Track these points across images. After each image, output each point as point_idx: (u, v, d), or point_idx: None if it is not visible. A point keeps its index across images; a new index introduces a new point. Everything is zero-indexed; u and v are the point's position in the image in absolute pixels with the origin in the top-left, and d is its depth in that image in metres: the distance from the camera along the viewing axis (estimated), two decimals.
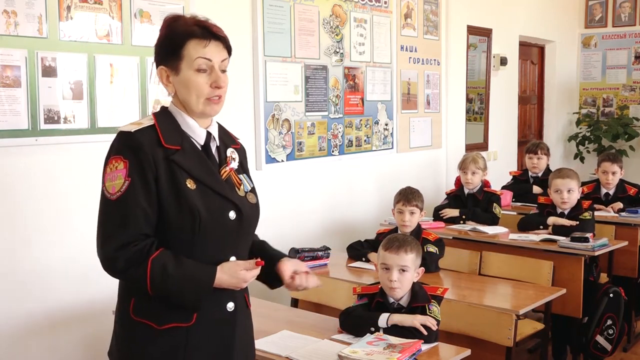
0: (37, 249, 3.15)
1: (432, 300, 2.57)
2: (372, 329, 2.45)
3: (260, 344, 2.42)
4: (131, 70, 3.47)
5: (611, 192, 4.91)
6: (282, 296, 3.91)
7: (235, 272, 1.77)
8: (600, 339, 3.77)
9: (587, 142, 7.68)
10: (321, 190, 4.74)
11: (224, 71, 1.84)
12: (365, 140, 5.06)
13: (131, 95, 3.48)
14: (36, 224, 3.15)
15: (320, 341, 2.45)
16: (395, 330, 2.43)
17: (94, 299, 3.28)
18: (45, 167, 3.18)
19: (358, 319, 2.52)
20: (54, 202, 3.19)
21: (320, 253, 3.64)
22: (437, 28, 5.79)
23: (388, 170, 5.28)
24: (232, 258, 1.83)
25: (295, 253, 3.56)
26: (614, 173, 4.85)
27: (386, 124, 5.25)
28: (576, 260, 3.71)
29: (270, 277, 1.97)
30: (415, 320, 2.43)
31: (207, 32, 1.79)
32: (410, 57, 5.49)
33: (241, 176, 1.90)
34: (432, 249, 3.52)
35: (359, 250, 3.76)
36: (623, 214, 4.61)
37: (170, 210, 1.72)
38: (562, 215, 4.15)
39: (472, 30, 6.19)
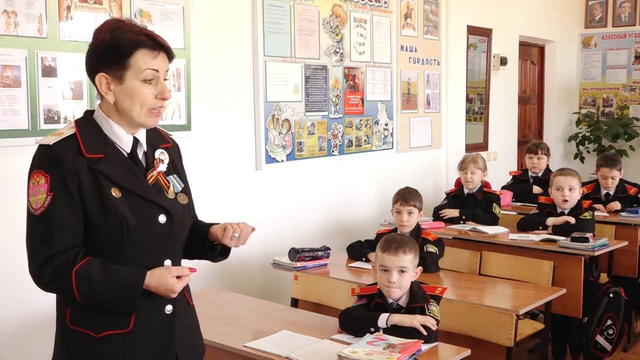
0: None
1: (431, 300, 2.57)
2: (372, 329, 2.45)
3: (260, 344, 2.43)
4: None
5: (611, 192, 4.90)
6: (282, 296, 3.91)
7: (165, 280, 1.73)
8: (600, 339, 3.77)
9: (587, 142, 7.68)
10: (321, 190, 4.74)
11: (166, 80, 1.81)
12: (365, 140, 5.06)
13: None
14: None
15: (320, 341, 2.45)
16: (395, 330, 2.43)
17: None
18: None
19: (358, 320, 2.52)
20: None
21: (320, 253, 3.64)
22: (437, 28, 5.79)
23: (388, 170, 5.28)
24: (168, 262, 1.81)
25: (295, 253, 3.56)
26: (613, 178, 4.84)
27: (386, 124, 5.25)
28: (576, 260, 3.71)
29: (208, 248, 1.96)
30: (414, 321, 2.43)
31: (156, 42, 1.76)
32: (410, 57, 5.49)
33: (170, 177, 1.86)
34: (431, 249, 3.52)
35: (359, 250, 3.76)
36: (623, 214, 4.61)
37: (97, 219, 1.70)
38: (562, 215, 4.14)
39: (472, 30, 6.19)
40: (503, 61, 6.54)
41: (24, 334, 3.14)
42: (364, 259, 3.68)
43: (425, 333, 2.40)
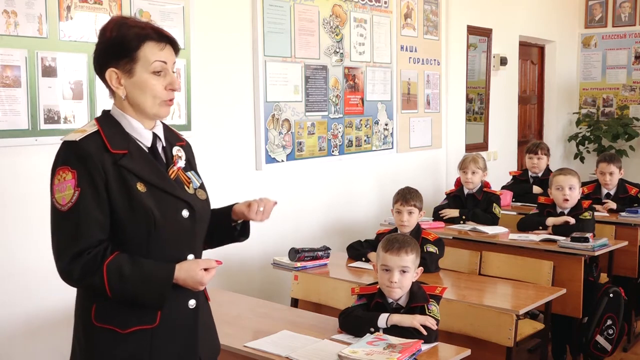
0: (38, 249, 3.15)
1: (431, 300, 2.57)
2: (372, 329, 2.45)
3: (260, 344, 2.43)
4: None
5: (612, 192, 4.90)
6: (282, 296, 3.91)
7: (194, 272, 1.76)
8: (600, 339, 3.77)
9: (587, 142, 7.68)
10: (321, 190, 4.74)
11: (174, 73, 1.85)
12: (365, 140, 5.06)
13: None
14: (37, 223, 3.14)
15: (320, 341, 2.45)
16: (395, 330, 2.43)
17: None
18: (45, 167, 3.15)
19: (357, 320, 2.52)
20: None
21: (320, 253, 3.64)
22: (437, 28, 5.79)
23: (388, 170, 5.28)
24: (190, 256, 1.83)
25: (295, 253, 3.56)
26: (611, 173, 4.84)
27: (386, 124, 5.25)
28: (576, 260, 3.71)
29: (232, 229, 2.03)
30: (414, 321, 2.43)
31: (162, 35, 1.80)
32: (410, 57, 5.49)
33: (189, 173, 1.91)
34: (431, 249, 3.51)
35: (358, 250, 3.76)
36: (623, 214, 4.61)
37: (124, 214, 1.72)
38: (561, 215, 4.14)
39: (472, 30, 6.19)
40: (503, 61, 6.54)
41: (27, 333, 3.14)
42: (364, 259, 3.68)
43: (425, 333, 2.40)
